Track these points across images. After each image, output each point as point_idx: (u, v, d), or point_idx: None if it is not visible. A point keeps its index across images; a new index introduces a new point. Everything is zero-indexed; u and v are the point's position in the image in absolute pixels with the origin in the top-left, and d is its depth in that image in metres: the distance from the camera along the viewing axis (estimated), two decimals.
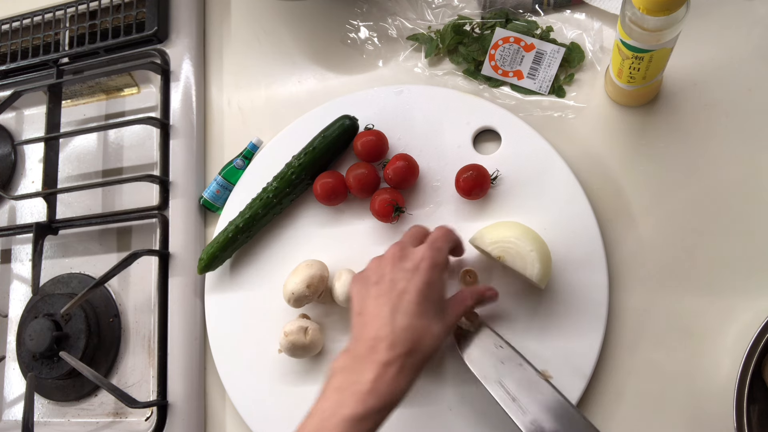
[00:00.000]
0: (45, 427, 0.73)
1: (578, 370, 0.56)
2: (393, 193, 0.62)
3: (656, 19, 0.47)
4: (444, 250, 0.52)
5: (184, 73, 0.75)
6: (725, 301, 0.56)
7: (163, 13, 0.77)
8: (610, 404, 0.56)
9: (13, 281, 0.81)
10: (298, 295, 0.59)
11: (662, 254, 0.58)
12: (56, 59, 0.81)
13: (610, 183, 0.60)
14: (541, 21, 0.65)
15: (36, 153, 0.84)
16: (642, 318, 0.57)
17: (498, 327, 0.58)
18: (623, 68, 0.55)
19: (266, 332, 0.64)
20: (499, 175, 0.61)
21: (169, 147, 0.73)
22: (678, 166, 0.59)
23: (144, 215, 0.73)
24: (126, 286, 0.75)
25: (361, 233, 0.64)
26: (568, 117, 0.63)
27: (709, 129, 0.59)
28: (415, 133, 0.65)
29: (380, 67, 0.70)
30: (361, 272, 0.53)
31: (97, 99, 0.82)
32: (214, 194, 0.71)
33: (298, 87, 0.73)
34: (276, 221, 0.67)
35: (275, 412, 0.63)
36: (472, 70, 0.66)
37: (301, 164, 0.64)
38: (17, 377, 0.77)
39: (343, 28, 0.72)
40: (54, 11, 0.82)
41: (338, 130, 0.65)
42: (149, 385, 0.71)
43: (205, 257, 0.66)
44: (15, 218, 0.83)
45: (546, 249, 0.55)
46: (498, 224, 0.58)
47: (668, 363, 0.56)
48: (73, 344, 0.71)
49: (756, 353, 0.49)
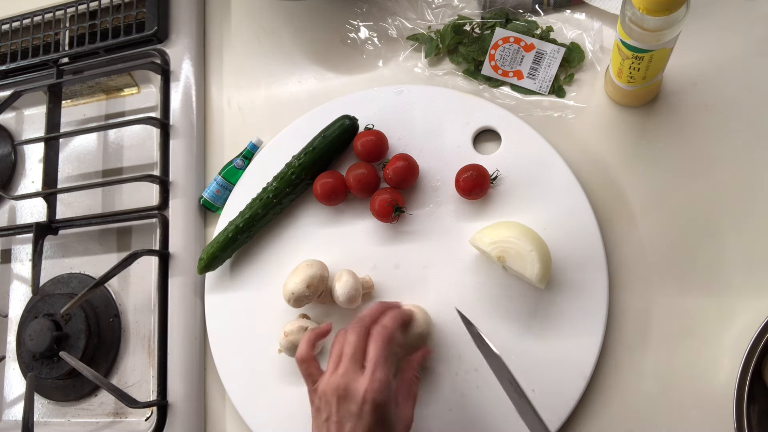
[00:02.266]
0: (45, 427, 0.73)
1: (578, 369, 0.56)
2: (393, 193, 0.62)
3: (656, 19, 0.47)
4: (386, 376, 0.49)
5: (184, 73, 0.75)
6: (725, 301, 0.56)
7: (163, 13, 0.77)
8: (610, 404, 0.56)
9: (13, 281, 0.81)
10: (298, 295, 0.59)
11: (662, 254, 0.58)
12: (56, 59, 0.81)
13: (610, 183, 0.60)
14: (541, 21, 0.65)
15: (36, 153, 0.84)
16: (642, 318, 0.57)
17: (498, 327, 0.58)
18: (623, 68, 0.55)
19: (266, 332, 0.64)
20: (499, 175, 0.61)
21: (169, 147, 0.73)
22: (678, 166, 0.59)
23: (144, 215, 0.73)
24: (126, 286, 0.75)
25: (361, 233, 0.64)
26: (568, 117, 0.63)
27: (709, 129, 0.59)
28: (415, 133, 0.65)
29: (380, 67, 0.70)
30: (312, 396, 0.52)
31: (97, 99, 0.82)
32: (214, 194, 0.71)
33: (298, 87, 0.73)
34: (276, 221, 0.67)
35: (275, 412, 0.63)
36: (472, 70, 0.66)
37: (301, 164, 0.64)
38: (17, 377, 0.77)
39: (343, 28, 0.72)
40: (54, 11, 0.82)
41: (338, 130, 0.65)
42: (149, 385, 0.71)
43: (205, 257, 0.66)
44: (15, 218, 0.83)
45: (546, 249, 0.55)
46: (498, 224, 0.58)
47: (668, 363, 0.56)
48: (73, 344, 0.71)
49: (756, 353, 0.49)
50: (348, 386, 0.49)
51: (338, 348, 0.52)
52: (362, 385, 0.48)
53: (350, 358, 0.50)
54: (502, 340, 0.58)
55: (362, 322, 0.52)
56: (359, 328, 0.52)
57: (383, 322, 0.52)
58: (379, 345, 0.50)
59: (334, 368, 0.51)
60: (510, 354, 0.57)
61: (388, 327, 0.52)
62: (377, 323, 0.52)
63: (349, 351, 0.50)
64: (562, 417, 0.56)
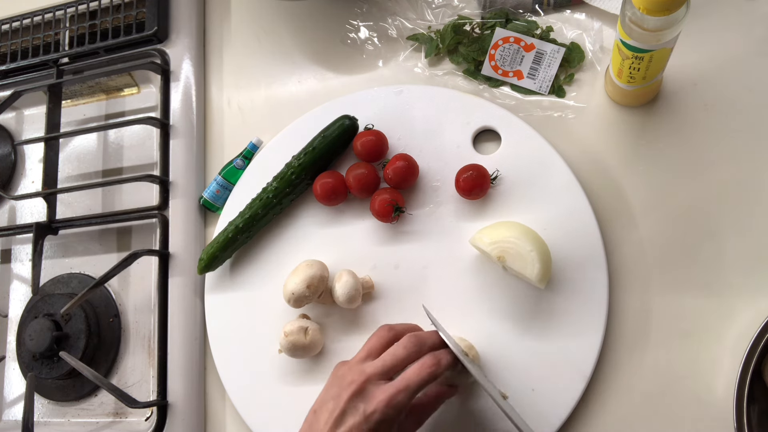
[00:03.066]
0: (45, 427, 0.73)
1: (578, 369, 0.56)
2: (393, 193, 0.62)
3: (656, 19, 0.47)
4: (407, 402, 0.48)
5: (184, 73, 0.75)
6: (725, 301, 0.56)
7: (163, 13, 0.77)
8: (611, 404, 0.56)
9: (13, 281, 0.81)
10: (298, 295, 0.59)
11: (662, 254, 0.58)
12: (56, 59, 0.81)
13: (610, 183, 0.60)
14: (541, 21, 0.65)
15: (36, 153, 0.84)
16: (642, 318, 0.57)
17: (498, 327, 0.58)
18: (623, 68, 0.55)
19: (266, 332, 0.64)
20: (498, 174, 0.61)
21: (169, 147, 0.73)
22: (678, 166, 0.59)
23: (144, 215, 0.73)
24: (126, 286, 0.75)
25: (361, 233, 0.64)
26: (568, 117, 0.63)
27: (709, 129, 0.59)
28: (414, 133, 0.65)
29: (380, 67, 0.70)
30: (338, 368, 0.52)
31: (97, 99, 0.82)
32: (214, 194, 0.71)
33: (298, 87, 0.73)
34: (276, 221, 0.67)
35: (275, 412, 0.63)
36: (472, 70, 0.66)
37: (301, 164, 0.64)
38: (17, 377, 0.77)
39: (343, 28, 0.72)
40: (54, 11, 0.82)
41: (338, 130, 0.65)
42: (149, 385, 0.71)
43: (205, 257, 0.66)
44: (15, 218, 0.83)
45: (546, 249, 0.55)
46: (498, 224, 0.58)
47: (668, 363, 0.56)
48: (73, 344, 0.71)
49: (756, 353, 0.49)
50: (367, 388, 0.48)
51: (379, 343, 0.51)
52: (381, 396, 0.47)
53: (385, 367, 0.49)
54: (503, 340, 0.58)
55: (420, 344, 0.50)
56: (414, 348, 0.50)
57: (441, 359, 0.50)
58: (423, 377, 0.48)
59: (365, 356, 0.50)
60: (510, 353, 0.57)
61: (441, 366, 0.49)
62: (433, 355, 0.50)
63: (389, 362, 0.49)
64: (562, 416, 0.56)
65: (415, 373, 0.48)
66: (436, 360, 0.49)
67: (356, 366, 0.50)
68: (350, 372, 0.50)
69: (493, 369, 0.58)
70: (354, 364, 0.51)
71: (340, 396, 0.48)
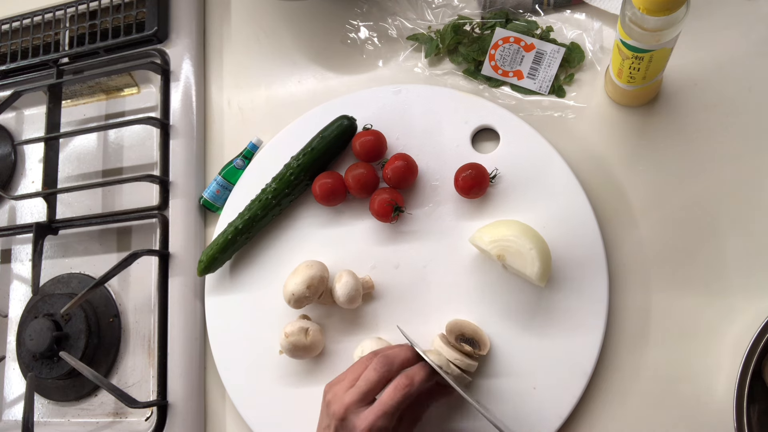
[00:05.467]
0: (45, 427, 0.73)
1: (579, 368, 0.56)
2: (392, 193, 0.62)
3: (656, 19, 0.47)
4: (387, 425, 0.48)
5: (184, 73, 0.75)
6: (725, 301, 0.56)
7: (163, 13, 0.77)
8: (611, 403, 0.56)
9: (13, 281, 0.81)
10: (299, 295, 0.59)
11: (662, 254, 0.58)
12: (56, 59, 0.81)
13: (610, 183, 0.60)
14: (541, 21, 0.65)
15: (36, 153, 0.84)
16: (642, 317, 0.57)
17: (498, 325, 0.58)
18: (623, 68, 0.55)
19: (267, 333, 0.64)
20: (497, 173, 0.61)
21: (169, 147, 0.73)
22: (678, 166, 0.59)
23: (144, 215, 0.73)
24: (126, 286, 0.75)
25: (361, 233, 0.64)
26: (568, 117, 0.63)
27: (709, 129, 0.59)
28: (413, 133, 0.65)
29: (380, 67, 0.70)
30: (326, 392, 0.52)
31: (97, 99, 0.82)
32: (214, 194, 0.71)
33: (298, 87, 0.73)
34: (275, 222, 0.67)
35: (275, 412, 0.63)
36: (472, 70, 0.66)
37: (300, 165, 0.64)
38: (17, 377, 0.77)
39: (343, 28, 0.72)
40: (54, 11, 0.82)
41: (337, 131, 0.65)
42: (149, 385, 0.71)
43: (205, 259, 0.66)
44: (15, 218, 0.83)
45: (546, 247, 0.55)
46: (497, 223, 0.58)
47: (668, 362, 0.56)
48: (73, 344, 0.71)
49: (756, 353, 0.49)
50: (348, 418, 0.49)
51: (362, 368, 0.51)
52: (362, 425, 0.48)
53: (361, 394, 0.49)
54: (503, 339, 0.58)
55: (389, 363, 0.50)
56: (384, 369, 0.50)
57: (414, 377, 0.50)
58: (397, 399, 0.49)
59: (348, 386, 0.51)
60: (511, 352, 0.58)
61: (414, 384, 0.49)
62: (405, 375, 0.50)
63: (363, 387, 0.50)
64: (563, 415, 0.56)
65: (389, 396, 0.49)
66: (408, 380, 0.49)
67: (339, 395, 0.51)
68: (334, 401, 0.50)
69: (494, 367, 0.58)
70: (338, 391, 0.51)
71: (330, 427, 0.50)
